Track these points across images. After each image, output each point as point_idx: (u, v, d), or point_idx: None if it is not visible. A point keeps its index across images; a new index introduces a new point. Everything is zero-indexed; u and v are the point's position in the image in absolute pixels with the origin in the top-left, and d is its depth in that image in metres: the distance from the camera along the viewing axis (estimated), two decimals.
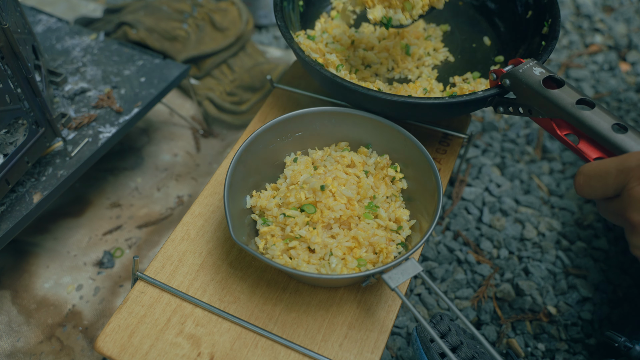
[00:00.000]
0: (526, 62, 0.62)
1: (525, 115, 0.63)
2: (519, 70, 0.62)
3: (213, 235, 0.68)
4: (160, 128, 1.08)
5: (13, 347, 0.78)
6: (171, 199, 0.97)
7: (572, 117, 0.56)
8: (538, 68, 0.61)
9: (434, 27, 0.88)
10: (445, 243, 0.91)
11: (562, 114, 0.57)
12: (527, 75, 0.61)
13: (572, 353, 0.80)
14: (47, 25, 0.99)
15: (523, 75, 0.61)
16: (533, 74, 0.61)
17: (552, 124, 0.59)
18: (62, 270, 0.87)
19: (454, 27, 0.88)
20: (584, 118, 0.55)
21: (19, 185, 0.75)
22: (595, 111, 0.55)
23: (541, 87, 0.59)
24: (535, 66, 0.62)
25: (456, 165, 0.98)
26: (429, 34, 0.87)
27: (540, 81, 0.60)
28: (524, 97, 0.61)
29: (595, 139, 0.55)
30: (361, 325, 0.61)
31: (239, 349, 0.59)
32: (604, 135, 0.54)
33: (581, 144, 0.56)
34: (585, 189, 0.52)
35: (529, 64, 0.62)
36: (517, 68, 0.62)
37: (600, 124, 0.55)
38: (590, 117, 0.55)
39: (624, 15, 1.31)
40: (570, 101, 0.57)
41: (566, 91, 0.58)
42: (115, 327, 0.60)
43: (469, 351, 0.60)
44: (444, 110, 0.69)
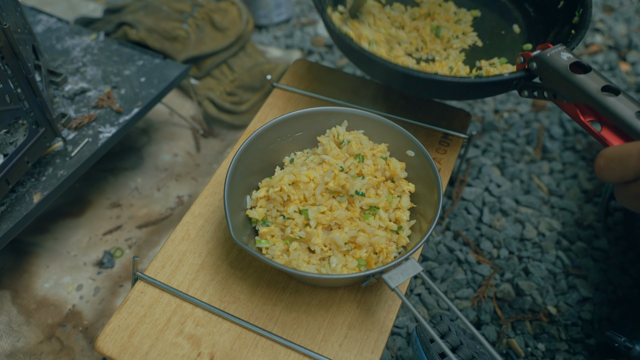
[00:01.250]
0: (554, 47, 0.62)
1: (550, 99, 0.64)
2: (547, 54, 0.62)
3: (213, 235, 0.68)
4: (160, 128, 1.08)
5: (13, 347, 0.78)
6: (171, 199, 0.97)
7: (597, 103, 0.57)
8: (566, 53, 0.62)
9: (464, 12, 0.90)
10: (445, 243, 0.91)
11: (586, 99, 0.58)
12: (554, 59, 0.61)
13: (572, 353, 0.80)
14: (47, 25, 0.99)
15: (550, 59, 0.61)
16: (560, 58, 0.61)
17: (577, 109, 0.60)
18: (62, 270, 0.87)
19: (484, 13, 0.89)
20: (609, 104, 0.56)
21: (19, 185, 0.75)
22: (620, 98, 0.56)
23: (568, 72, 0.60)
24: (563, 51, 0.62)
25: (456, 165, 0.98)
26: (459, 18, 0.88)
27: (567, 66, 0.60)
28: (550, 81, 0.62)
29: (618, 125, 0.55)
30: (361, 325, 0.61)
31: (239, 349, 0.59)
32: (628, 121, 0.55)
33: (603, 130, 0.57)
34: (605, 172, 0.52)
35: (557, 49, 0.62)
36: (545, 52, 0.62)
37: (624, 110, 0.55)
38: (615, 104, 0.56)
39: (624, 15, 1.31)
40: (596, 87, 0.58)
41: (592, 77, 0.59)
42: (115, 327, 0.60)
43: (469, 351, 0.60)
44: (469, 90, 0.70)
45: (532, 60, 0.63)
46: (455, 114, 0.83)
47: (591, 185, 0.99)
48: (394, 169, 0.67)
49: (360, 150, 0.68)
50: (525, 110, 1.12)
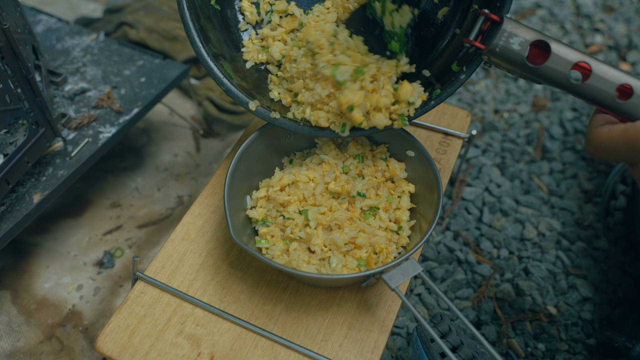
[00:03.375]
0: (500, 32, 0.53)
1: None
2: (496, 48, 0.53)
3: (213, 235, 0.68)
4: (160, 128, 1.08)
5: (13, 347, 0.78)
6: (171, 199, 0.97)
7: (570, 92, 0.53)
8: (515, 36, 0.53)
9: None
10: (445, 243, 0.91)
11: (558, 87, 0.53)
12: (507, 53, 0.53)
13: (572, 353, 0.80)
14: (47, 25, 0.99)
15: (502, 53, 0.53)
16: (512, 49, 0.53)
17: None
18: (62, 270, 0.87)
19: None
20: (583, 91, 0.52)
21: (19, 185, 0.75)
22: (595, 77, 0.51)
23: (527, 66, 0.53)
24: (511, 34, 0.53)
25: (456, 165, 0.98)
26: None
27: (523, 58, 0.53)
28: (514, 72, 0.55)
29: (600, 108, 0.52)
30: (361, 325, 0.61)
31: (239, 349, 0.59)
32: (609, 105, 0.52)
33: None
34: (594, 156, 0.53)
35: (504, 34, 0.53)
36: (494, 45, 0.53)
37: (601, 94, 0.51)
38: (590, 88, 0.52)
39: (624, 15, 1.31)
40: (564, 74, 0.52)
41: (556, 61, 0.52)
42: (115, 327, 0.60)
43: (469, 351, 0.60)
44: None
45: (482, 54, 0.55)
46: (455, 114, 0.83)
47: (591, 185, 0.99)
48: (394, 169, 0.67)
49: (360, 150, 0.68)
50: (525, 110, 1.12)
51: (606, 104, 0.52)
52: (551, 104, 1.14)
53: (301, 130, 0.66)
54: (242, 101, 0.67)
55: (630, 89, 0.51)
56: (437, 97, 0.63)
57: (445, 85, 0.63)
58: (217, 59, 0.68)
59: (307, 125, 0.66)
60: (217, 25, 0.70)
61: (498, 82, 1.18)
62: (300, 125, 0.66)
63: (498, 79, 1.19)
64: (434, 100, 0.63)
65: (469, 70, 0.61)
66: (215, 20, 0.70)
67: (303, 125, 0.66)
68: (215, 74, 0.67)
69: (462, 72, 0.61)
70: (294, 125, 0.66)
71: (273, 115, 0.67)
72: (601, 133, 0.51)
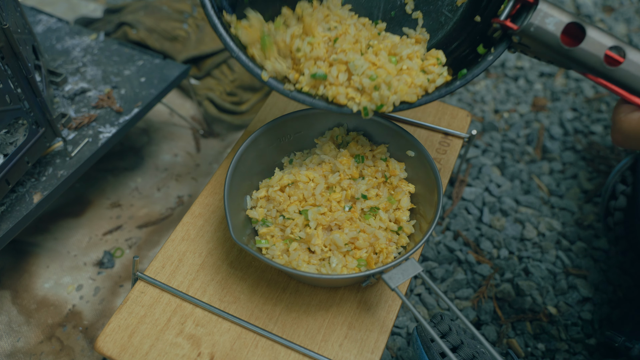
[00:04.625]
0: (535, 12, 0.53)
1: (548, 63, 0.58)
2: (530, 28, 0.53)
3: (213, 235, 0.68)
4: (160, 128, 1.08)
5: (13, 347, 0.78)
6: (171, 199, 0.97)
7: (603, 77, 0.52)
8: (551, 16, 0.52)
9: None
10: (445, 243, 0.91)
11: (590, 72, 0.53)
12: (541, 33, 0.53)
13: (572, 353, 0.80)
14: (47, 25, 0.99)
15: (536, 33, 0.53)
16: (547, 30, 0.52)
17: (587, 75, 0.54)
18: (62, 270, 0.87)
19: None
20: (615, 76, 0.51)
21: (19, 185, 0.75)
22: (628, 62, 0.51)
23: (560, 47, 0.52)
24: (546, 14, 0.52)
25: (456, 165, 0.98)
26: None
27: (558, 38, 0.52)
28: (542, 55, 0.55)
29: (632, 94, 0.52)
30: (361, 325, 0.61)
31: (239, 349, 0.59)
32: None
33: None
34: (622, 146, 0.52)
35: (540, 14, 0.52)
36: (528, 24, 0.53)
37: (634, 80, 0.51)
38: (623, 73, 0.51)
39: (624, 15, 1.31)
40: (598, 58, 0.51)
41: (591, 43, 0.51)
42: (115, 327, 0.60)
43: (469, 351, 0.60)
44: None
45: (514, 34, 0.55)
46: (455, 114, 0.83)
47: (591, 185, 0.99)
48: (394, 169, 0.67)
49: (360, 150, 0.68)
50: (525, 110, 1.12)
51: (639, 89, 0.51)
52: (551, 104, 1.14)
53: (317, 105, 0.62)
54: (254, 72, 0.62)
55: None
56: (463, 77, 0.60)
57: (472, 66, 0.61)
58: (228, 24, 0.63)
59: (324, 100, 0.63)
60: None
61: (498, 82, 1.18)
62: (316, 100, 0.63)
63: (498, 79, 1.19)
64: (459, 81, 0.61)
65: (497, 51, 0.58)
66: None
67: (319, 99, 0.63)
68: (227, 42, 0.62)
69: (489, 54, 0.59)
70: (309, 100, 0.62)
71: (287, 87, 0.63)
72: (632, 120, 0.51)
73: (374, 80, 0.59)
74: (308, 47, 0.62)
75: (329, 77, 0.61)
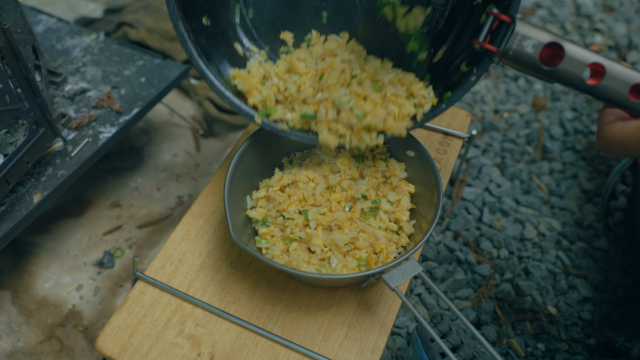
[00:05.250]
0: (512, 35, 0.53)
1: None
2: (509, 52, 0.53)
3: (213, 236, 0.68)
4: (160, 128, 1.08)
5: (13, 347, 0.78)
6: (171, 199, 0.97)
7: (584, 92, 0.53)
8: (529, 39, 0.52)
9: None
10: (445, 243, 0.91)
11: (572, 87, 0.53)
12: (520, 56, 0.53)
13: (572, 353, 0.80)
14: (47, 25, 0.99)
15: (515, 57, 0.53)
16: (526, 52, 0.53)
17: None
18: (62, 270, 0.87)
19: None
20: (597, 91, 0.52)
21: (19, 185, 0.75)
22: (608, 77, 0.51)
23: (540, 68, 0.53)
24: (524, 37, 0.52)
25: (456, 165, 0.98)
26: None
27: (536, 59, 0.53)
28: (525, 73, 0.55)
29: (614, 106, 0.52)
30: (361, 325, 0.61)
31: (239, 349, 0.59)
32: (622, 103, 0.52)
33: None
34: (606, 152, 0.53)
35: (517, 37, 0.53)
36: (506, 48, 0.53)
37: (615, 94, 0.51)
38: (604, 89, 0.51)
39: (624, 15, 1.31)
40: (578, 76, 0.52)
41: (570, 62, 0.52)
42: (115, 327, 0.60)
43: (469, 351, 0.60)
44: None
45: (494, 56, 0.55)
46: (455, 114, 0.83)
47: (591, 185, 0.99)
48: (394, 169, 0.67)
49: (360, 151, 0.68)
50: (525, 110, 1.12)
51: (619, 102, 0.52)
52: (551, 104, 1.14)
53: (312, 140, 0.65)
54: (247, 114, 0.66)
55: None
56: (449, 100, 0.62)
57: (456, 87, 0.62)
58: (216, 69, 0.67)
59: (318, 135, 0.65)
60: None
61: (498, 82, 1.18)
62: (311, 135, 0.66)
63: (498, 79, 1.19)
64: (444, 104, 0.62)
65: (479, 71, 0.59)
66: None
67: (313, 134, 0.65)
68: (216, 85, 0.66)
69: (472, 74, 0.60)
70: (305, 136, 0.65)
71: (281, 127, 0.66)
72: (614, 130, 0.51)
73: (362, 120, 0.61)
74: (294, 86, 0.64)
75: (318, 116, 0.63)
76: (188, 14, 0.64)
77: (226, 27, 0.70)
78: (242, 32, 0.71)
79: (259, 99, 0.66)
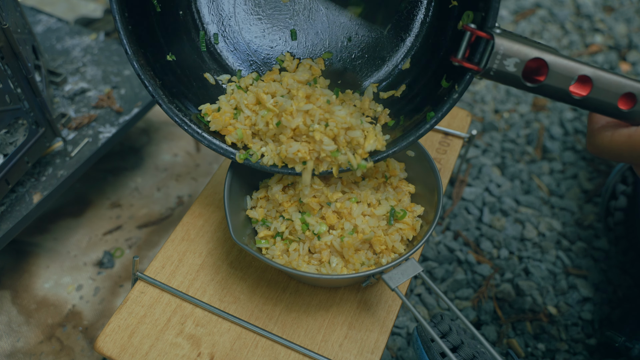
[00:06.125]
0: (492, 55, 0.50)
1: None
2: (490, 72, 0.50)
3: (213, 236, 0.68)
4: (160, 128, 1.08)
5: (13, 347, 0.78)
6: (171, 199, 0.97)
7: (571, 104, 0.51)
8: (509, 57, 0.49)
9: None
10: (445, 243, 0.91)
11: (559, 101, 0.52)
12: (502, 75, 0.50)
13: (572, 353, 0.80)
14: (47, 25, 0.99)
15: (497, 76, 0.51)
16: (508, 71, 0.50)
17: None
18: (62, 270, 0.87)
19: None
20: (585, 104, 0.51)
21: (19, 185, 0.75)
22: (596, 89, 0.49)
23: (524, 85, 0.50)
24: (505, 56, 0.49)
25: (456, 165, 0.98)
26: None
27: (519, 78, 0.50)
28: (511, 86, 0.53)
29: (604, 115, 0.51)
30: (361, 325, 0.61)
31: (239, 349, 0.59)
32: (612, 113, 0.50)
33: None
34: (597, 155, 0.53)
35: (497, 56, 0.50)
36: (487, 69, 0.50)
37: (604, 105, 0.50)
38: (592, 102, 0.50)
39: (624, 15, 1.31)
40: (564, 91, 0.50)
41: (554, 78, 0.50)
42: (115, 327, 0.60)
43: (469, 351, 0.60)
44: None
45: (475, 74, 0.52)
46: (455, 114, 0.83)
47: (591, 185, 0.99)
48: (394, 169, 0.67)
49: None
50: (526, 110, 1.12)
51: (609, 112, 0.51)
52: (551, 104, 1.14)
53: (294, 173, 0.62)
54: (229, 156, 0.63)
55: (633, 97, 0.50)
56: (432, 119, 0.58)
57: (438, 106, 0.58)
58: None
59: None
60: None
61: None
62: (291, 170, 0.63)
63: None
64: (429, 124, 0.58)
65: (461, 87, 0.55)
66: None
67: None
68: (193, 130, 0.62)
69: (454, 92, 0.56)
70: (286, 171, 0.62)
71: (264, 163, 0.63)
72: (604, 137, 0.51)
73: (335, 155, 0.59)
74: (262, 121, 0.61)
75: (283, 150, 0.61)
76: (149, 56, 0.62)
77: (193, 58, 0.67)
78: (210, 60, 0.69)
79: (235, 137, 0.63)
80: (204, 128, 0.63)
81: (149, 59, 0.62)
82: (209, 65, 0.69)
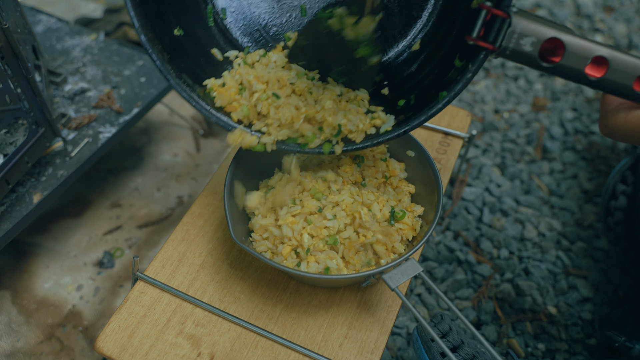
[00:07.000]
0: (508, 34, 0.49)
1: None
2: (506, 51, 0.50)
3: (213, 235, 0.68)
4: (160, 128, 1.08)
5: (13, 347, 0.78)
6: (171, 199, 0.97)
7: (588, 86, 0.51)
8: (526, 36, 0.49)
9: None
10: (446, 243, 0.91)
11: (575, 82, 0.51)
12: (518, 55, 0.50)
13: (572, 353, 0.80)
14: (47, 25, 0.99)
15: (513, 55, 0.50)
16: (524, 51, 0.50)
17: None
18: (62, 270, 0.87)
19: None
20: (601, 85, 0.50)
21: (19, 185, 0.75)
22: (612, 71, 0.50)
23: (540, 65, 0.50)
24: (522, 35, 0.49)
25: (456, 165, 0.97)
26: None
27: (536, 58, 0.50)
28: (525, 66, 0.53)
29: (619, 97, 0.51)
30: (361, 325, 0.61)
31: (239, 349, 0.59)
32: (627, 95, 0.50)
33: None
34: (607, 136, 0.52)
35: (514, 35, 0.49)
36: (503, 48, 0.50)
37: (620, 87, 0.50)
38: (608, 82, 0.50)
39: (624, 15, 1.31)
40: (580, 72, 0.50)
41: (571, 58, 0.49)
42: (115, 327, 0.60)
43: (470, 350, 0.60)
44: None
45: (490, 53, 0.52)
46: (455, 114, 0.83)
47: (591, 185, 0.99)
48: (394, 169, 0.67)
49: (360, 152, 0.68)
50: (526, 110, 1.12)
51: (625, 94, 0.51)
52: (551, 104, 1.14)
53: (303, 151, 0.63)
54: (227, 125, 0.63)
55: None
56: (445, 98, 0.57)
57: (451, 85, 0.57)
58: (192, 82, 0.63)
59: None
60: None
61: (498, 82, 1.18)
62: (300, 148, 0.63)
63: (498, 79, 1.19)
64: (441, 103, 0.58)
65: (475, 66, 0.54)
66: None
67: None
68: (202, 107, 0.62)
69: (468, 71, 0.55)
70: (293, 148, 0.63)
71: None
72: (617, 119, 0.51)
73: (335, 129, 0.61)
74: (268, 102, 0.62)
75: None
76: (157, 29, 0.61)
77: (200, 33, 0.66)
78: (218, 35, 0.68)
79: (241, 114, 0.62)
80: (210, 104, 0.63)
81: (157, 33, 0.61)
82: (217, 41, 0.68)
